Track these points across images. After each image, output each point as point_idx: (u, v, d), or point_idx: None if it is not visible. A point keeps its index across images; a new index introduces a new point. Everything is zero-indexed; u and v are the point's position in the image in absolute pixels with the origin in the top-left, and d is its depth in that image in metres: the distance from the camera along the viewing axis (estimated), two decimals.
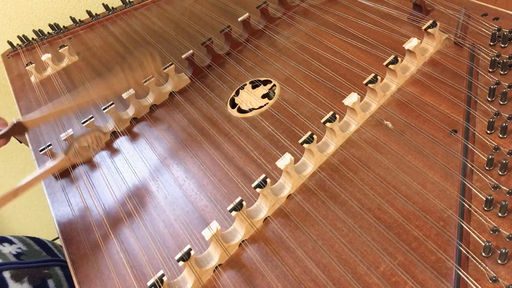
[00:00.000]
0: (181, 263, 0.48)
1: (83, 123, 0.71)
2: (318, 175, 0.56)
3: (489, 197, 0.45)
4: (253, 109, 0.70)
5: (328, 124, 0.56)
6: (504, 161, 0.48)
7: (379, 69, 0.65)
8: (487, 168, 0.49)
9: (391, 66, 0.61)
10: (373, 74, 0.59)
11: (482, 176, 0.48)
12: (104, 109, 0.72)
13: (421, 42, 0.65)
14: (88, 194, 0.67)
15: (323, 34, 0.77)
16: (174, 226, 0.58)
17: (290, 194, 0.55)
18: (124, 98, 0.74)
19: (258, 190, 0.52)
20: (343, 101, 0.58)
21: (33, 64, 0.95)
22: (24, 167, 1.46)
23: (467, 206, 0.46)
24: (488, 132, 0.52)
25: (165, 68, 0.77)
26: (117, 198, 0.64)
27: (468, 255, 0.43)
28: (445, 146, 0.53)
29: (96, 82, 0.58)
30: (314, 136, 0.55)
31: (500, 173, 0.48)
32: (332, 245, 0.49)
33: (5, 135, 0.55)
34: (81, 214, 0.65)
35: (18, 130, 0.54)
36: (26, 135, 0.83)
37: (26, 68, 0.95)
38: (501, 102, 0.55)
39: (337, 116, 0.56)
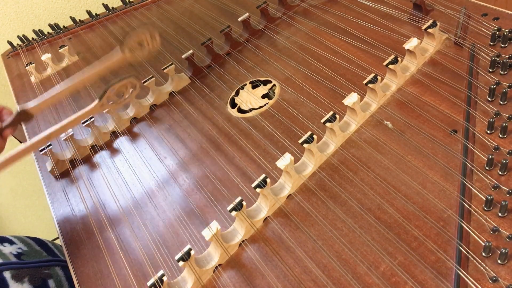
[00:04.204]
0: (181, 263, 0.48)
1: (83, 122, 0.71)
2: (318, 175, 0.56)
3: (489, 197, 0.45)
4: (253, 109, 0.70)
5: (328, 124, 0.56)
6: (504, 161, 0.48)
7: (379, 69, 0.65)
8: (487, 168, 0.49)
9: (391, 66, 0.61)
10: (373, 74, 0.59)
11: (482, 176, 0.48)
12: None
13: (421, 42, 0.65)
14: (88, 194, 0.67)
15: (323, 34, 0.77)
16: (174, 226, 0.58)
17: (290, 194, 0.55)
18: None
19: (258, 190, 0.52)
20: (343, 101, 0.58)
21: (33, 64, 0.95)
22: (24, 167, 1.46)
23: (467, 206, 0.46)
24: (488, 132, 0.52)
25: (165, 68, 0.77)
26: (117, 198, 0.64)
27: (468, 255, 0.43)
28: (445, 146, 0.53)
29: (93, 63, 0.59)
30: (314, 136, 0.55)
31: (500, 173, 0.48)
32: (332, 245, 0.49)
33: (12, 123, 0.57)
34: (81, 214, 0.65)
35: (23, 118, 0.56)
36: (26, 135, 0.83)
37: (26, 68, 0.95)
38: (501, 102, 0.55)
39: (337, 116, 0.56)
